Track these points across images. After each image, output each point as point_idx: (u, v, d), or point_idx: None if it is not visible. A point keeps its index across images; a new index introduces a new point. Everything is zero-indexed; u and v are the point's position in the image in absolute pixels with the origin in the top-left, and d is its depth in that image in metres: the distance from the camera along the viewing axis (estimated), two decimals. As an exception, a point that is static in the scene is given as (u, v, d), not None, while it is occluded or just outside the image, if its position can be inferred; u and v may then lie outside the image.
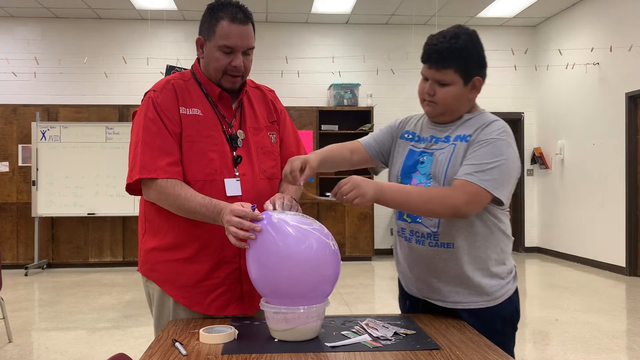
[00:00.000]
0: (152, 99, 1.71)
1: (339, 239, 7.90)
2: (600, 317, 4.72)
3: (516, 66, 8.47)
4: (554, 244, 8.27)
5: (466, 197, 1.51)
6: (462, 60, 1.59)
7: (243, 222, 1.45)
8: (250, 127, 1.80)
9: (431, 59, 1.61)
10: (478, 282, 1.63)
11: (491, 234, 1.64)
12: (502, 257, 1.66)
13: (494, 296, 1.64)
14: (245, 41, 1.68)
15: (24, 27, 8.01)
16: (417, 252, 1.69)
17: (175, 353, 1.35)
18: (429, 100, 1.67)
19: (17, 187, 7.59)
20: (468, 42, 1.60)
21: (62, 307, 5.29)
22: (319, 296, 1.45)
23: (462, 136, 1.64)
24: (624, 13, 6.77)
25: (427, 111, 1.70)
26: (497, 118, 1.65)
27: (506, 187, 1.57)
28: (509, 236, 1.70)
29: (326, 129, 8.07)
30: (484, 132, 1.60)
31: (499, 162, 1.55)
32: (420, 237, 1.67)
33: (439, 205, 1.52)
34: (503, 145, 1.57)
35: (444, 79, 1.61)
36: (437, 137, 1.69)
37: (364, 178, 1.54)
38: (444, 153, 1.64)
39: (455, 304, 1.66)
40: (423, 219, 1.66)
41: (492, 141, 1.57)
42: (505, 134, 1.59)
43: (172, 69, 4.95)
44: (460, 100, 1.64)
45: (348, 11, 7.96)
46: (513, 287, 1.69)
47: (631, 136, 6.63)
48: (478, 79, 1.64)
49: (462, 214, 1.53)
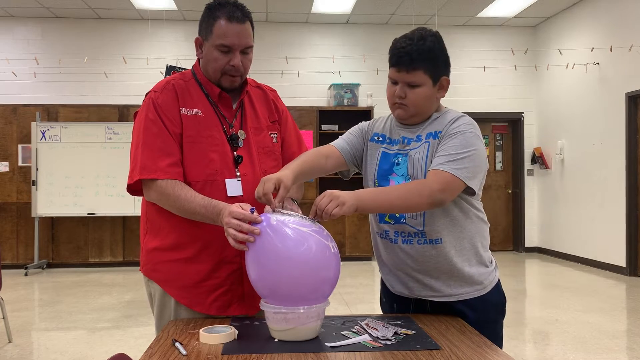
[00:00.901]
0: (152, 99, 1.71)
1: (339, 239, 7.90)
2: (600, 317, 4.72)
3: (516, 66, 8.47)
4: (554, 244, 8.27)
5: (440, 186, 1.54)
6: (430, 62, 1.63)
7: (242, 224, 1.45)
8: (251, 127, 1.80)
9: (401, 62, 1.64)
10: (468, 272, 1.67)
11: (472, 223, 1.69)
12: (485, 244, 1.73)
13: (484, 284, 1.69)
14: (242, 40, 1.68)
15: (24, 27, 8.01)
16: (405, 252, 1.69)
17: (175, 353, 1.35)
18: (399, 103, 1.69)
19: (17, 187, 7.59)
20: (435, 44, 1.64)
21: (62, 307, 5.29)
22: (319, 297, 1.45)
23: (433, 133, 1.67)
24: (624, 13, 6.77)
25: (399, 114, 1.71)
26: (463, 114, 1.70)
27: (477, 176, 1.61)
28: (486, 222, 1.75)
29: (326, 129, 8.07)
30: (452, 126, 1.64)
31: (469, 152, 1.59)
32: (407, 236, 1.68)
33: (417, 197, 1.54)
34: (472, 137, 1.61)
35: (414, 80, 1.64)
36: (408, 137, 1.72)
37: (339, 190, 1.53)
38: (419, 152, 1.67)
39: (449, 297, 1.68)
40: (407, 219, 1.67)
41: (461, 133, 1.62)
42: (473, 127, 1.65)
43: (172, 69, 4.96)
44: (430, 100, 1.68)
45: (348, 11, 7.97)
46: (497, 273, 1.76)
47: (631, 136, 6.63)
48: (445, 78, 1.69)
49: (439, 201, 1.55)
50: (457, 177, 1.56)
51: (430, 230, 1.64)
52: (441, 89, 1.70)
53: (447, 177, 1.55)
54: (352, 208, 1.50)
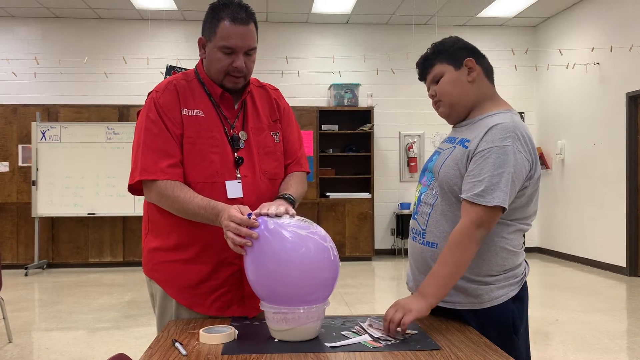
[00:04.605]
0: (154, 99, 1.71)
1: (339, 239, 7.90)
2: (600, 317, 4.72)
3: (516, 66, 8.47)
4: (554, 244, 8.26)
5: (475, 223, 1.50)
6: (444, 53, 1.67)
7: (240, 228, 1.45)
8: (253, 128, 1.79)
9: (420, 69, 1.73)
10: (459, 284, 1.60)
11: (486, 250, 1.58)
12: (485, 269, 1.59)
13: (481, 299, 1.59)
14: (246, 42, 1.67)
15: (24, 27, 8.01)
16: (413, 249, 1.72)
17: (175, 353, 1.35)
18: (435, 102, 1.71)
19: (17, 187, 7.59)
20: (446, 40, 1.70)
21: (62, 307, 5.29)
22: (317, 299, 1.44)
23: (463, 140, 1.62)
24: (624, 13, 6.77)
25: (441, 113, 1.72)
26: (501, 121, 1.56)
27: (508, 194, 1.50)
28: (516, 252, 1.62)
29: (326, 129, 8.07)
30: (483, 141, 1.54)
31: (499, 174, 1.49)
32: (415, 234, 1.70)
33: (465, 253, 1.50)
34: (502, 154, 1.50)
35: (435, 75, 1.68)
36: (451, 137, 1.72)
37: (405, 299, 1.51)
38: (445, 154, 1.66)
39: (443, 302, 1.62)
40: (418, 216, 1.68)
41: (490, 151, 1.52)
42: (506, 139, 1.52)
43: (172, 69, 4.96)
44: (458, 84, 1.65)
45: (348, 11, 7.96)
46: (508, 291, 1.60)
47: (631, 136, 6.63)
48: (469, 59, 1.66)
49: (483, 237, 1.52)
50: (485, 206, 1.49)
51: (430, 232, 1.63)
52: (470, 70, 1.65)
53: (477, 211, 1.50)
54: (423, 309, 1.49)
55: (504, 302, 1.59)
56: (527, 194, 1.58)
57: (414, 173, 8.58)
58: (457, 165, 1.58)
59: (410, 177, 8.61)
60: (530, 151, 1.55)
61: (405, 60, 8.40)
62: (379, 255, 8.30)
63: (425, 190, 1.69)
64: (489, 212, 1.50)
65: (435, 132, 8.52)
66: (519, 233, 1.62)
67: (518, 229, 1.61)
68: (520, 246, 1.65)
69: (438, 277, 1.51)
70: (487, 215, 1.50)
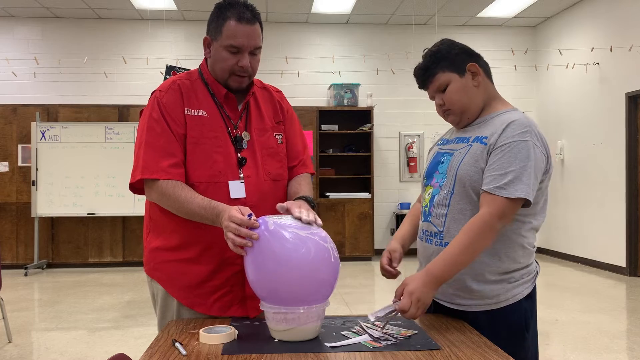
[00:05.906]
0: (157, 99, 1.71)
1: (339, 239, 7.90)
2: (600, 317, 4.72)
3: (516, 66, 8.47)
4: (554, 244, 8.27)
5: (497, 213, 1.51)
6: (443, 60, 1.65)
7: (240, 229, 1.45)
8: (256, 128, 1.79)
9: (421, 79, 1.70)
10: (470, 287, 1.60)
11: (503, 244, 1.60)
12: (503, 267, 1.60)
13: (498, 299, 1.60)
14: (252, 41, 1.67)
15: (24, 27, 8.01)
16: (427, 250, 1.70)
17: (175, 353, 1.35)
18: (444, 111, 1.70)
19: (17, 187, 7.59)
20: (442, 46, 1.68)
21: (62, 307, 5.29)
22: (317, 299, 1.44)
23: (480, 137, 1.63)
24: (624, 13, 6.77)
25: (452, 121, 1.72)
26: (516, 118, 1.59)
27: (533, 189, 1.53)
28: (532, 249, 1.65)
29: (326, 129, 8.07)
30: (502, 136, 1.57)
31: (520, 167, 1.52)
32: (430, 235, 1.69)
33: (483, 240, 1.51)
34: (523, 148, 1.53)
35: (439, 84, 1.66)
36: (460, 137, 1.71)
37: (415, 283, 1.50)
38: (460, 153, 1.65)
39: (458, 306, 1.64)
40: (432, 218, 1.67)
41: (510, 145, 1.54)
42: (525, 134, 1.55)
43: (171, 68, 4.95)
44: (466, 91, 1.65)
45: (348, 11, 7.97)
46: (523, 289, 1.62)
47: (631, 136, 6.63)
48: (472, 64, 1.66)
49: (502, 228, 1.54)
50: (508, 198, 1.50)
51: (448, 233, 1.62)
52: (474, 75, 1.66)
53: (499, 202, 1.51)
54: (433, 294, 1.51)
55: (517, 301, 1.61)
56: (542, 188, 1.62)
57: (414, 173, 8.58)
58: (477, 162, 1.59)
59: (410, 177, 8.61)
60: (544, 146, 1.60)
61: (405, 60, 8.40)
62: (379, 255, 8.29)
63: (438, 192, 1.68)
64: (511, 204, 1.51)
65: (435, 132, 8.52)
66: (533, 231, 1.65)
67: (532, 227, 1.64)
68: (534, 245, 1.68)
69: (453, 260, 1.51)
70: (509, 207, 1.52)
